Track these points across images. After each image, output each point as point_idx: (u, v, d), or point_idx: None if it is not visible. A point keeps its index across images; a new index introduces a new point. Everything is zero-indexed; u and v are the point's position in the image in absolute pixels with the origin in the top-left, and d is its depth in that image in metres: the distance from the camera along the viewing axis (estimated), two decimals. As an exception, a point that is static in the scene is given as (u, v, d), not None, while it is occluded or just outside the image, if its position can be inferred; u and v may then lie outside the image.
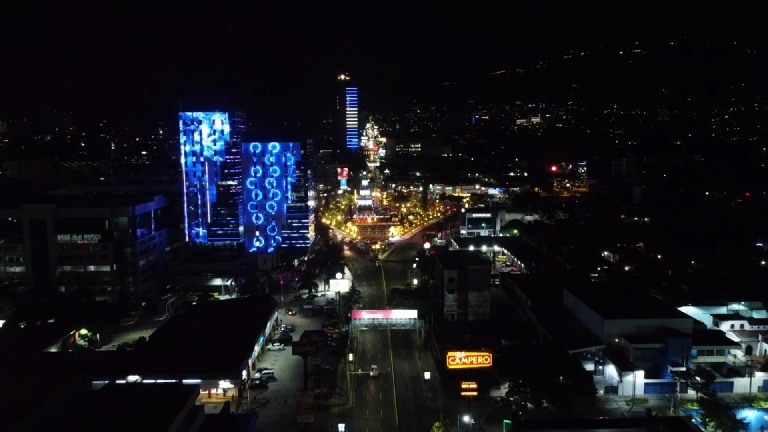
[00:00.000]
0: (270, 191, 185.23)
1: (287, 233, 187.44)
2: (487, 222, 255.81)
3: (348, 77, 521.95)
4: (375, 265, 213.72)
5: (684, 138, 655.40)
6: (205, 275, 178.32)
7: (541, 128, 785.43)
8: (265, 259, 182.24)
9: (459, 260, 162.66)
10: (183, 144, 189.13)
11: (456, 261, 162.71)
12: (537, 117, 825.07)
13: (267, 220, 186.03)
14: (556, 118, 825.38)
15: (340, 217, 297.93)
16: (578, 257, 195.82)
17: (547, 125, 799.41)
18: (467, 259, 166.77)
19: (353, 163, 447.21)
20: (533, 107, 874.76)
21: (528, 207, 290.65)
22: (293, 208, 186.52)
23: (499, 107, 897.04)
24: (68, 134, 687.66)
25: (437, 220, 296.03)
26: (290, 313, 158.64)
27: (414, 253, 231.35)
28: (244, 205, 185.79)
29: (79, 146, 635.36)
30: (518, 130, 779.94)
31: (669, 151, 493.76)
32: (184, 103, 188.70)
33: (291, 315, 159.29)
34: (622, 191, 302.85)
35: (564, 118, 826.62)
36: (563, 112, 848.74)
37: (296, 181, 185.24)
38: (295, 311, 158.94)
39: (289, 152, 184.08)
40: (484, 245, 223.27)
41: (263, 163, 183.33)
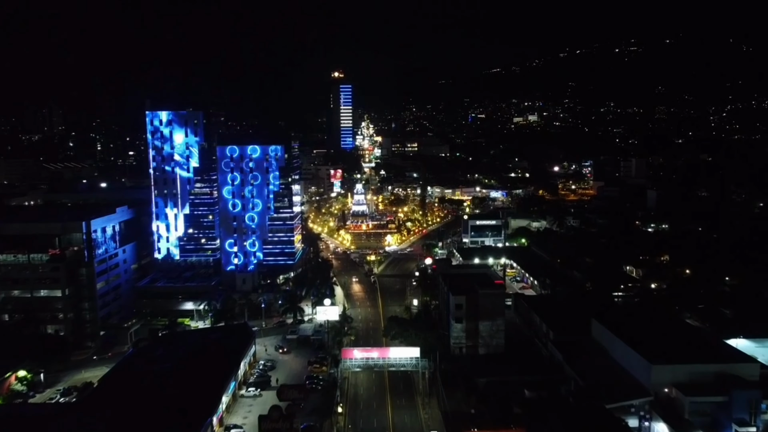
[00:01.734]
0: (250, 201, 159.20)
1: (270, 249, 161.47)
2: (491, 230, 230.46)
3: (342, 75, 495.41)
4: (370, 280, 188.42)
5: (685, 136, 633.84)
6: (175, 298, 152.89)
7: (539, 126, 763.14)
8: (244, 278, 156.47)
9: (466, 282, 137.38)
10: (151, 147, 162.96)
11: (463, 282, 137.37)
12: (534, 115, 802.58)
13: (246, 234, 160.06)
14: (553, 117, 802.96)
15: (332, 223, 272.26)
16: (597, 273, 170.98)
17: (544, 123, 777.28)
18: (476, 280, 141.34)
19: (348, 163, 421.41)
20: (530, 105, 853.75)
21: (534, 212, 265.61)
22: (276, 220, 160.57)
23: (495, 105, 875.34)
24: (57, 134, 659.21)
25: (437, 226, 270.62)
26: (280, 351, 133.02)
27: (413, 265, 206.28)
28: (221, 216, 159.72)
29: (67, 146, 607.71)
30: (515, 129, 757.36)
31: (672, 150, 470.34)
32: (152, 100, 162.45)
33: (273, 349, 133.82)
34: (633, 194, 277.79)
35: (561, 117, 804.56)
36: (560, 110, 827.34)
37: (279, 190, 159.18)
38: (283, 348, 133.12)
39: (271, 157, 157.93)
40: (491, 257, 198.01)
41: (241, 170, 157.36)
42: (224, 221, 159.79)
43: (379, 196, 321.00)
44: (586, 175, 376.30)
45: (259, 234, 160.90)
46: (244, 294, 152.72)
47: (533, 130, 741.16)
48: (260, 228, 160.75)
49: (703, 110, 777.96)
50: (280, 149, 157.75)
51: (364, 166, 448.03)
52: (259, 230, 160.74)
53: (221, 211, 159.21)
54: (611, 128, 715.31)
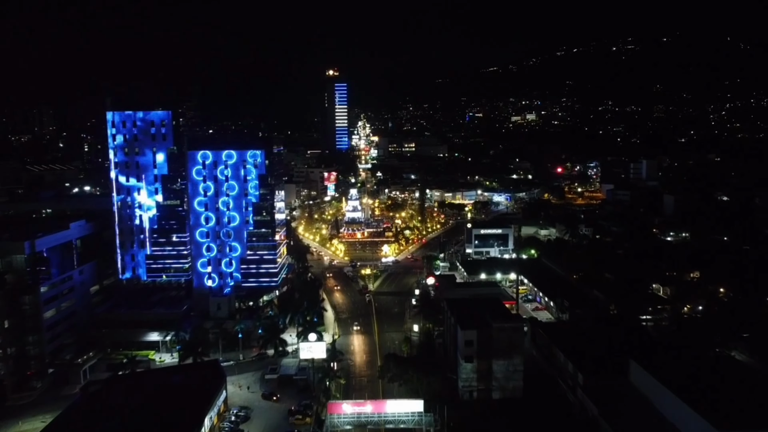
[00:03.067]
0: (225, 214, 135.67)
1: (249, 268, 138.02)
2: (497, 239, 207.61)
3: (336, 72, 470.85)
4: (365, 299, 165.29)
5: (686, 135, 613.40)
6: (138, 327, 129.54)
7: (537, 125, 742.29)
8: (219, 303, 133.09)
9: (476, 311, 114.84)
10: (112, 152, 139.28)
11: (473, 311, 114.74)
12: (532, 114, 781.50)
13: (222, 252, 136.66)
14: (551, 116, 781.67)
15: (325, 230, 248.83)
16: (621, 292, 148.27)
17: (543, 122, 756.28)
18: (487, 307, 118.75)
19: (343, 164, 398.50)
20: (527, 104, 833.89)
21: (541, 218, 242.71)
22: (257, 236, 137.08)
23: (492, 104, 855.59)
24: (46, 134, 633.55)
25: (437, 233, 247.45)
26: (251, 389, 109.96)
27: (412, 280, 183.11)
28: (192, 232, 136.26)
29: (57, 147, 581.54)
30: (513, 128, 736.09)
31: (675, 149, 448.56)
32: (113, 98, 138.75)
33: (247, 391, 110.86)
34: (646, 198, 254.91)
35: (560, 116, 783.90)
36: (558, 109, 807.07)
37: (259, 201, 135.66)
38: (263, 393, 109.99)
39: (249, 163, 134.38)
40: (499, 272, 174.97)
41: (215, 178, 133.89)
42: (196, 238, 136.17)
43: (375, 200, 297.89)
44: (592, 176, 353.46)
45: (236, 252, 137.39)
46: (219, 322, 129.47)
47: (532, 129, 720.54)
48: (238, 245, 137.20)
49: (701, 109, 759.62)
50: (260, 154, 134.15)
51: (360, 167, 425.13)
52: (237, 247, 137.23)
53: (192, 226, 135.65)
54: (611, 127, 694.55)
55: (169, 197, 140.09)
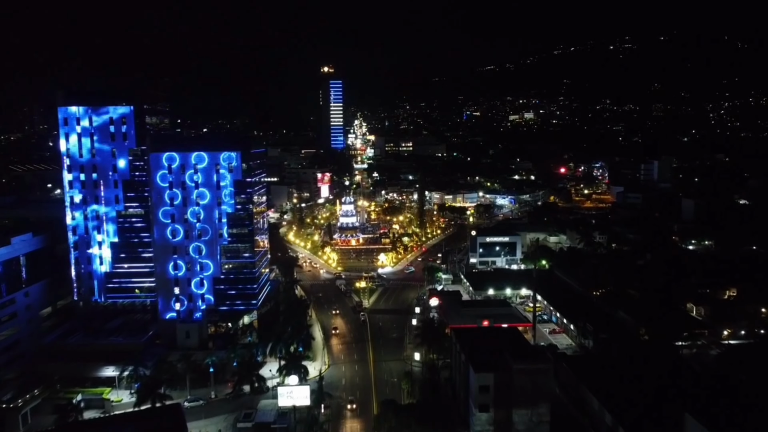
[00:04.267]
0: (195, 226, 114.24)
1: (223, 289, 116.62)
2: (504, 247, 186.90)
3: (332, 69, 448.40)
4: (360, 318, 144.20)
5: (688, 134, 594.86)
6: (93, 360, 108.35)
7: (536, 124, 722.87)
8: (188, 330, 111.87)
9: (490, 343, 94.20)
10: (64, 154, 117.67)
11: (486, 345, 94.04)
12: (530, 113, 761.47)
13: (191, 271, 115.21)
14: (549, 115, 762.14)
15: (317, 237, 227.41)
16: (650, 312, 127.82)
17: (541, 121, 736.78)
18: (503, 338, 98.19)
19: (338, 164, 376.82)
20: (525, 103, 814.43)
21: (548, 223, 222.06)
22: (232, 252, 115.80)
23: (490, 103, 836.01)
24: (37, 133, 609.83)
25: (437, 239, 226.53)
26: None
27: (412, 295, 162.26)
28: (157, 247, 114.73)
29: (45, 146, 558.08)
30: (512, 127, 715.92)
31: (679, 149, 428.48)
32: (65, 92, 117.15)
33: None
34: (661, 202, 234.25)
35: (558, 114, 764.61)
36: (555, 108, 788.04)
37: (235, 211, 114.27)
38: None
39: (223, 167, 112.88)
40: (508, 287, 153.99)
41: (183, 184, 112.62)
42: (161, 253, 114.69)
43: (372, 203, 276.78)
44: (598, 177, 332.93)
45: (208, 270, 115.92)
46: (187, 352, 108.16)
47: (530, 128, 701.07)
48: (211, 262, 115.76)
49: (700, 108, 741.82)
50: (235, 157, 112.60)
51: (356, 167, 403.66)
52: (209, 265, 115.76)
53: (157, 240, 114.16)
54: (610, 126, 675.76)
55: (132, 206, 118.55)
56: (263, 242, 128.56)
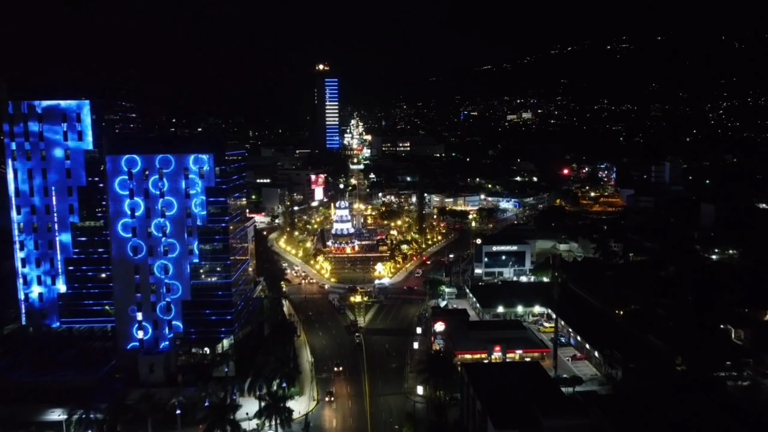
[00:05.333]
0: (161, 242, 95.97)
1: (194, 314, 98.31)
2: (511, 257, 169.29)
3: (327, 67, 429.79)
4: (354, 340, 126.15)
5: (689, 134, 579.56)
6: (39, 400, 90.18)
7: (534, 124, 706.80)
8: (152, 363, 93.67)
9: (510, 385, 76.72)
10: (10, 156, 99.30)
11: (505, 388, 76.56)
12: (528, 113, 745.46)
13: (156, 293, 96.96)
14: (547, 114, 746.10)
15: (310, 243, 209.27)
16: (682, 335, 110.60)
17: (539, 121, 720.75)
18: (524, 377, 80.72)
19: (333, 165, 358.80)
20: (522, 103, 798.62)
21: (557, 229, 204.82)
22: (204, 272, 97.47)
23: (487, 103, 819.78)
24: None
25: (438, 246, 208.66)
26: None
27: (413, 311, 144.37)
28: (116, 265, 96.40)
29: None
30: (510, 127, 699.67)
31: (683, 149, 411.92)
32: (11, 84, 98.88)
33: None
34: (675, 207, 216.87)
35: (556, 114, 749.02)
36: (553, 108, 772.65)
37: (208, 223, 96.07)
38: None
39: (193, 172, 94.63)
40: (520, 304, 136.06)
41: (146, 192, 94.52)
42: (121, 272, 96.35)
43: (368, 207, 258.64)
44: (603, 178, 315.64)
45: (176, 293, 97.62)
46: (149, 390, 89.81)
47: (529, 128, 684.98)
48: (179, 282, 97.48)
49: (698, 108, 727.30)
50: (207, 160, 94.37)
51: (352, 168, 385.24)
52: (177, 287, 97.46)
53: (116, 257, 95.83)
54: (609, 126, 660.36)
55: (88, 217, 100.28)
56: (243, 257, 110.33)
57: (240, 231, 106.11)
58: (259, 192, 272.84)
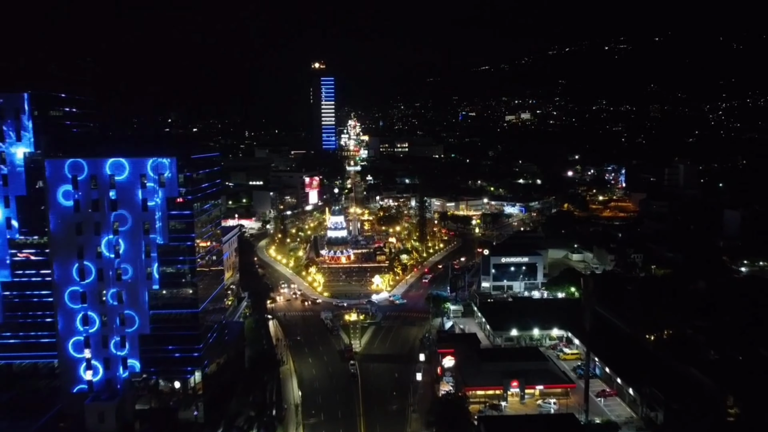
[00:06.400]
0: (113, 263, 78.17)
1: (152, 350, 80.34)
2: (521, 268, 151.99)
3: (323, 66, 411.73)
4: (348, 369, 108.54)
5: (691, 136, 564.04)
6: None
7: (533, 125, 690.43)
8: (101, 410, 75.87)
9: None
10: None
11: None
12: (527, 113, 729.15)
13: (108, 326, 79.20)
14: (546, 115, 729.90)
15: (302, 252, 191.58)
16: (728, 368, 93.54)
17: (538, 122, 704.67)
18: None
19: (329, 166, 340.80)
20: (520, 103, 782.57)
21: (567, 236, 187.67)
22: (166, 300, 79.57)
23: (485, 103, 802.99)
24: None
25: (440, 256, 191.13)
26: None
27: (414, 332, 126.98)
28: (57, 292, 78.52)
29: None
30: (508, 127, 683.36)
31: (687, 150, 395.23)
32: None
33: None
34: (693, 212, 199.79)
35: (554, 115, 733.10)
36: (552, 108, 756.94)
37: (169, 242, 78.24)
38: None
39: (152, 179, 76.86)
40: (536, 326, 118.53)
41: (95, 204, 76.82)
42: (65, 302, 78.44)
43: (365, 211, 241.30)
44: (610, 181, 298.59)
45: (132, 325, 79.75)
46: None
47: (528, 128, 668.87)
48: (134, 314, 79.59)
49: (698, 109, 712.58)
50: (168, 164, 76.64)
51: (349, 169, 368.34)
52: (133, 318, 79.61)
53: (59, 282, 78.01)
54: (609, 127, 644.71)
55: (29, 232, 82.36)
56: (217, 280, 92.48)
57: (212, 249, 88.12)
58: (250, 195, 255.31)
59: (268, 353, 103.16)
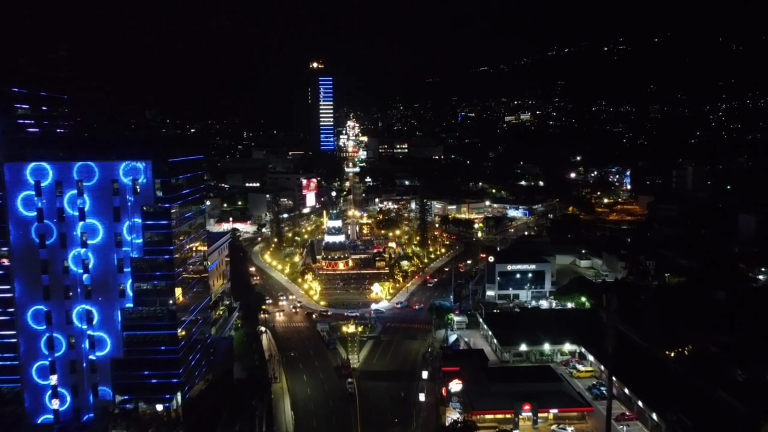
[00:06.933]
0: (81, 280, 69.39)
1: (126, 376, 71.48)
2: (527, 275, 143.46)
3: (321, 65, 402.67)
4: (347, 388, 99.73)
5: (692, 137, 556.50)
6: None
7: (533, 126, 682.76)
8: (69, 444, 67.28)
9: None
10: None
11: None
12: (526, 114, 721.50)
13: (76, 349, 70.45)
14: (546, 116, 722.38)
15: (299, 257, 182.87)
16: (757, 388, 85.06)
17: (538, 123, 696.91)
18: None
19: (328, 168, 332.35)
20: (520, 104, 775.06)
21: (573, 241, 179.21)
22: (141, 320, 70.74)
23: (484, 104, 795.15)
24: None
25: (442, 260, 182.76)
26: None
27: (416, 346, 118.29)
28: (19, 309, 69.67)
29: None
30: (508, 128, 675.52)
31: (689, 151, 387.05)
32: None
33: None
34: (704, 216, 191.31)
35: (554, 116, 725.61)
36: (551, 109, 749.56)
37: (144, 256, 69.41)
38: None
39: (124, 185, 68.09)
40: (546, 341, 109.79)
41: (61, 213, 68.23)
42: (28, 321, 69.63)
43: (364, 214, 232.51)
44: (614, 183, 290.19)
45: (103, 348, 70.96)
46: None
47: (527, 129, 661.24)
48: (106, 336, 70.79)
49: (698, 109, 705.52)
50: (143, 168, 67.99)
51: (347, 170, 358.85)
52: (104, 341, 70.83)
53: (20, 300, 69.18)
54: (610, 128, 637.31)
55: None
56: (202, 294, 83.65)
57: (195, 261, 79.37)
58: (246, 198, 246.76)
59: (259, 373, 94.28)
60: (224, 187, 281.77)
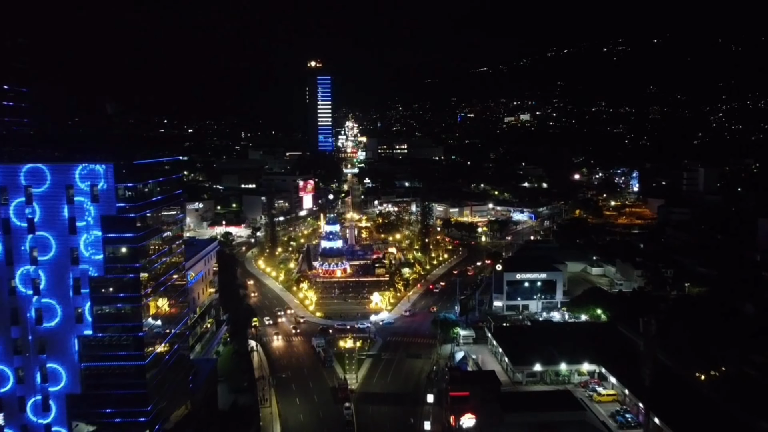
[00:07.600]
0: (30, 301, 58.87)
1: (85, 414, 60.67)
2: (537, 284, 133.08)
3: (320, 64, 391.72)
4: (344, 415, 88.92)
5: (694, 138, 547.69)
6: None
7: (532, 126, 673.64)
8: (16, 496, 56.65)
9: None
10: None
11: None
12: (526, 115, 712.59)
13: (27, 383, 59.86)
14: (546, 116, 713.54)
15: (294, 264, 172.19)
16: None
17: (537, 123, 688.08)
18: None
19: (325, 168, 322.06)
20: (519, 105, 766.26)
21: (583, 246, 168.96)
22: (101, 349, 60.08)
23: (484, 105, 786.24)
24: None
25: (444, 266, 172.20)
26: None
27: (420, 365, 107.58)
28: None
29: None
30: (508, 129, 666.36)
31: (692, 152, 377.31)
32: None
33: None
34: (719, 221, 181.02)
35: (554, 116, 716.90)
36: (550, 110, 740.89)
37: (106, 275, 58.84)
38: None
39: (81, 191, 57.67)
40: (563, 360, 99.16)
41: (6, 224, 57.87)
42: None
43: (363, 217, 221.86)
44: (621, 185, 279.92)
45: (58, 382, 60.21)
46: None
47: (527, 130, 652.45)
48: (60, 368, 60.00)
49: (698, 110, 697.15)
50: (103, 172, 57.41)
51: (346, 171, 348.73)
52: (59, 373, 60.06)
53: (-40, 326, 58.45)
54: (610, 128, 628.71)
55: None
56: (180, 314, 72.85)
57: (169, 277, 68.51)
58: (240, 200, 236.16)
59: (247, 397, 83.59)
60: (219, 189, 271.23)
